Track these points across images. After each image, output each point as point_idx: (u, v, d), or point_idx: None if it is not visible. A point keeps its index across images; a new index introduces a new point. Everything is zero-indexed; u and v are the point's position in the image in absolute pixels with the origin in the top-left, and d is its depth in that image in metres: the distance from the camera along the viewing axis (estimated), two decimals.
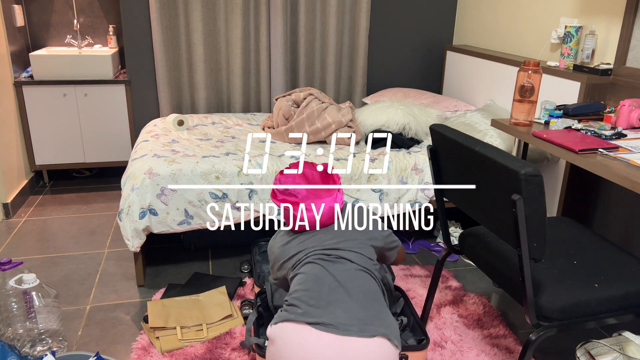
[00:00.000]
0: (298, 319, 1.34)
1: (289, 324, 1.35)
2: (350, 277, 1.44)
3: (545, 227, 1.31)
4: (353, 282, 1.43)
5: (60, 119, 3.20)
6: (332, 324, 1.32)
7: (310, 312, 1.35)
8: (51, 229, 2.78)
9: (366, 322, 1.34)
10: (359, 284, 1.43)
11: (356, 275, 1.46)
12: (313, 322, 1.32)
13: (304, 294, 1.40)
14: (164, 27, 3.10)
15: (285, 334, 1.33)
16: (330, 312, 1.34)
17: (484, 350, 1.87)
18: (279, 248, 1.59)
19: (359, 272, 1.47)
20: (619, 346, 1.47)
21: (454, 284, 2.31)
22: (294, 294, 1.43)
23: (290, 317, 1.36)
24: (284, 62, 3.31)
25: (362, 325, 1.33)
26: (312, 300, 1.38)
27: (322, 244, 1.51)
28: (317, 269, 1.45)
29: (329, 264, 1.46)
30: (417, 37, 3.66)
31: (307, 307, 1.36)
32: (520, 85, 1.96)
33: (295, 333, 1.32)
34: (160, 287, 2.25)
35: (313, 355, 1.27)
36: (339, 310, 1.35)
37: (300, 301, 1.39)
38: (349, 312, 1.35)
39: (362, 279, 1.45)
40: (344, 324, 1.32)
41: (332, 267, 1.45)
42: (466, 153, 1.46)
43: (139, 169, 2.19)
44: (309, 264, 1.48)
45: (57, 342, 1.81)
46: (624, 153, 1.66)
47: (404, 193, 2.43)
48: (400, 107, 2.69)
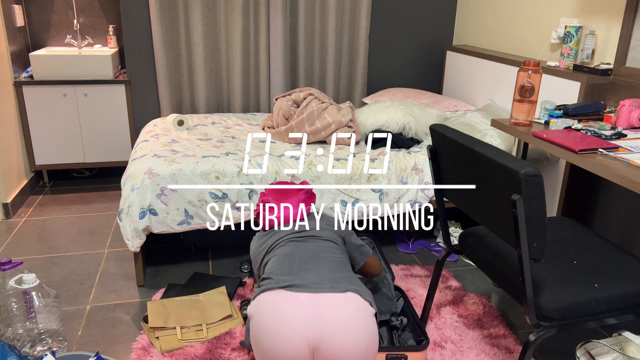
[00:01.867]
0: (271, 286, 1.39)
1: (263, 294, 1.39)
2: (319, 249, 1.52)
3: (545, 227, 1.31)
4: (322, 253, 1.51)
5: (60, 119, 3.20)
6: (305, 284, 1.36)
7: (282, 279, 1.40)
8: (51, 229, 2.78)
9: (337, 281, 1.39)
10: (328, 255, 1.50)
11: (326, 247, 1.55)
12: (285, 286, 1.37)
13: (276, 269, 1.46)
14: (164, 27, 3.10)
15: (261, 303, 1.37)
16: (301, 277, 1.39)
17: (484, 350, 1.87)
18: (255, 249, 1.70)
19: (329, 245, 1.56)
20: (619, 346, 1.47)
21: (454, 284, 2.31)
22: (267, 272, 1.49)
23: (263, 288, 1.41)
24: (283, 62, 3.31)
25: (332, 283, 1.38)
26: (284, 270, 1.44)
27: (292, 231, 1.64)
28: (288, 248, 1.55)
29: (299, 243, 1.57)
30: (417, 37, 3.66)
31: (279, 276, 1.42)
32: (520, 85, 1.96)
33: (271, 298, 1.36)
34: (160, 287, 2.25)
35: (289, 315, 1.31)
36: (310, 274, 1.40)
37: (273, 274, 1.44)
38: (319, 275, 1.40)
39: (331, 252, 1.53)
40: (315, 283, 1.37)
41: (302, 245, 1.55)
42: (466, 153, 1.46)
43: (139, 169, 2.19)
44: (281, 247, 1.58)
45: (57, 342, 1.81)
46: (624, 153, 1.66)
47: (404, 193, 2.43)
48: (400, 107, 2.69)
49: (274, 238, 1.65)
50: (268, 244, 1.64)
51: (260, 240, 1.71)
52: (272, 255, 1.56)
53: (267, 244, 1.65)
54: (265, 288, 1.39)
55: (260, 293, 1.40)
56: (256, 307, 1.38)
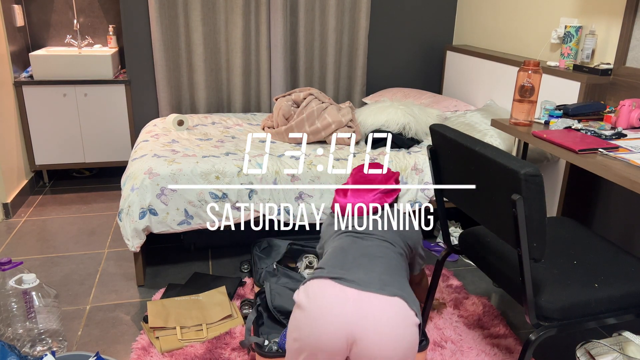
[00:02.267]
0: (321, 274, 1.40)
1: (313, 281, 1.39)
2: (376, 249, 1.51)
3: (545, 227, 1.31)
4: (378, 253, 1.49)
5: (60, 119, 3.20)
6: (354, 280, 1.36)
7: (333, 271, 1.40)
8: (51, 229, 2.78)
9: (386, 284, 1.37)
10: (383, 257, 1.48)
11: (382, 248, 1.52)
12: (335, 277, 1.37)
13: (329, 261, 1.46)
14: (163, 27, 3.10)
15: (309, 289, 1.38)
16: (352, 273, 1.39)
17: (485, 350, 1.87)
18: (324, 230, 1.74)
19: (386, 246, 1.54)
20: (619, 346, 1.47)
21: (454, 284, 2.31)
22: (320, 263, 1.50)
23: (314, 276, 1.42)
24: (283, 62, 3.31)
25: (382, 285, 1.36)
26: (336, 263, 1.44)
27: (352, 225, 1.64)
28: (345, 242, 1.54)
29: (357, 239, 1.56)
30: (417, 37, 3.66)
31: (331, 268, 1.42)
32: (520, 85, 1.96)
33: (319, 287, 1.36)
34: (160, 287, 2.25)
35: (335, 306, 1.31)
36: (361, 272, 1.40)
37: (326, 265, 1.45)
38: (370, 274, 1.39)
39: (387, 253, 1.51)
40: (365, 281, 1.36)
41: (360, 242, 1.54)
42: (466, 153, 1.46)
43: (139, 169, 2.19)
44: (339, 239, 1.58)
45: (57, 342, 1.81)
46: (624, 153, 1.66)
47: (404, 193, 2.43)
48: (400, 107, 2.69)
49: (336, 226, 1.67)
50: (330, 231, 1.67)
51: (328, 221, 1.75)
52: (329, 247, 1.59)
53: (329, 230, 1.68)
54: (315, 275, 1.40)
55: (309, 280, 1.41)
56: (304, 292, 1.38)
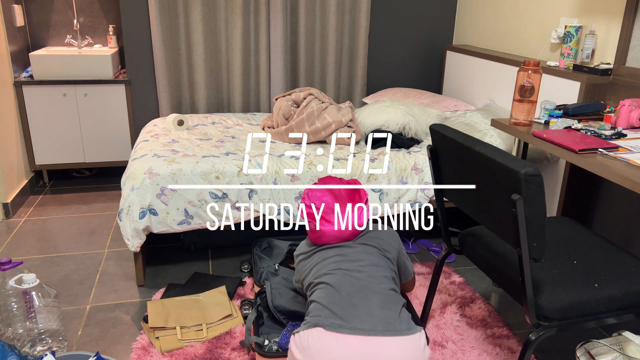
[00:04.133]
0: (321, 322, 1.34)
1: (310, 331, 1.34)
2: (369, 281, 1.44)
3: (545, 227, 1.31)
4: (372, 285, 1.43)
5: (60, 119, 3.20)
6: (356, 326, 1.32)
7: (333, 316, 1.35)
8: (51, 229, 2.78)
9: (389, 321, 1.35)
10: (378, 288, 1.43)
11: (375, 277, 1.46)
12: (335, 325, 1.32)
13: (324, 300, 1.40)
14: (163, 26, 3.10)
15: (310, 344, 1.32)
16: (351, 314, 1.34)
17: (486, 350, 1.87)
18: (301, 260, 1.60)
19: (378, 274, 1.47)
20: (619, 346, 1.47)
21: (454, 284, 2.31)
22: (315, 297, 1.43)
23: (313, 323, 1.35)
24: (283, 62, 3.31)
25: (385, 325, 1.34)
26: (333, 304, 1.38)
27: (337, 253, 1.52)
28: (335, 278, 1.45)
29: (346, 272, 1.47)
30: (417, 37, 3.66)
31: (329, 311, 1.36)
32: (520, 85, 1.96)
33: (320, 342, 1.30)
34: (160, 287, 2.25)
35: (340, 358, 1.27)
36: (360, 311, 1.35)
37: (322, 304, 1.39)
38: (370, 313, 1.35)
39: (381, 282, 1.45)
40: (367, 323, 1.33)
41: (350, 276, 1.45)
42: (466, 153, 1.46)
43: (139, 169, 2.19)
44: (328, 274, 1.48)
45: (57, 342, 1.81)
46: (623, 153, 1.66)
47: (404, 193, 2.43)
48: (400, 107, 2.69)
49: (320, 255, 1.55)
50: (314, 261, 1.54)
51: (306, 249, 1.60)
52: (319, 281, 1.48)
53: (313, 259, 1.55)
54: (314, 322, 1.34)
55: (309, 327, 1.34)
56: (306, 346, 1.32)
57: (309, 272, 1.53)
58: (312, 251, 1.58)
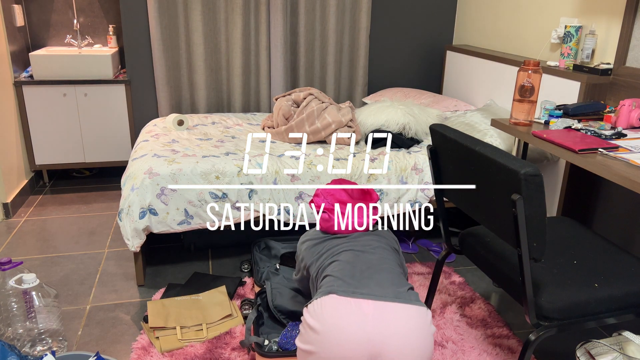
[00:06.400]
0: (333, 289, 1.37)
1: (326, 297, 1.37)
2: (380, 261, 1.49)
3: (545, 227, 1.31)
4: (383, 265, 1.48)
5: (60, 119, 3.20)
6: (368, 292, 1.35)
7: (345, 285, 1.39)
8: (51, 229, 2.78)
9: (400, 292, 1.38)
10: (389, 267, 1.48)
11: (385, 259, 1.51)
12: (348, 291, 1.35)
13: (338, 271, 1.44)
14: (163, 26, 3.10)
15: (324, 310, 1.34)
16: (364, 284, 1.38)
17: (486, 350, 1.87)
18: (308, 246, 1.64)
19: (387, 257, 1.52)
20: (619, 346, 1.47)
21: (454, 284, 2.31)
22: (328, 271, 1.47)
23: (326, 290, 1.39)
24: (284, 62, 3.31)
25: (396, 294, 1.36)
26: (346, 275, 1.42)
27: (349, 240, 1.59)
28: (349, 256, 1.51)
29: (359, 253, 1.53)
30: (417, 37, 3.66)
31: (341, 280, 1.40)
32: (520, 85, 1.96)
33: (333, 307, 1.33)
34: (160, 287, 2.25)
35: (353, 326, 1.29)
36: (373, 283, 1.39)
37: (335, 274, 1.43)
38: (382, 284, 1.39)
39: (391, 264, 1.50)
40: (379, 291, 1.36)
41: (362, 256, 1.51)
42: (466, 153, 1.46)
43: (139, 169, 2.19)
44: (342, 253, 1.54)
45: (57, 342, 1.81)
46: (623, 153, 1.66)
47: (404, 193, 2.43)
48: (400, 107, 2.69)
49: (331, 242, 1.60)
50: (326, 246, 1.59)
51: (317, 235, 1.66)
52: (332, 260, 1.52)
53: (325, 245, 1.60)
54: (328, 290, 1.37)
55: (323, 295, 1.37)
56: (315, 313, 1.35)
57: (321, 256, 1.57)
58: (325, 238, 1.63)
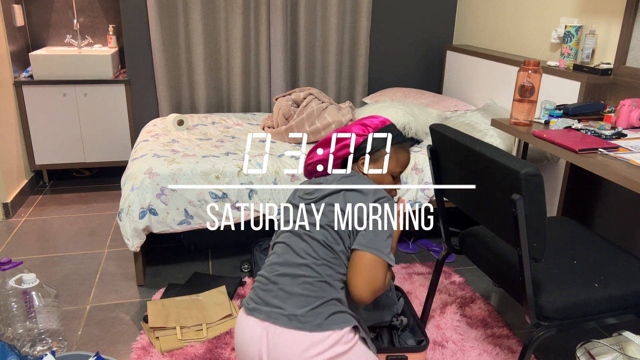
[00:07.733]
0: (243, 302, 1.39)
1: (240, 311, 1.39)
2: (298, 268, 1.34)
3: (545, 227, 1.31)
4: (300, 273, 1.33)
5: (60, 119, 3.20)
6: (266, 311, 1.30)
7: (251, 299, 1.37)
8: (51, 229, 2.78)
9: (298, 314, 1.28)
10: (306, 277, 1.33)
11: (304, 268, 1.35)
12: (252, 307, 1.33)
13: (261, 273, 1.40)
14: (163, 26, 3.10)
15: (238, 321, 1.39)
16: (269, 297, 1.32)
17: (486, 350, 1.87)
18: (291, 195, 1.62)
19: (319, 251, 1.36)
20: (619, 346, 1.47)
21: (454, 284, 2.31)
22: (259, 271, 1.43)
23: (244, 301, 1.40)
24: (284, 62, 3.31)
25: (295, 311, 1.28)
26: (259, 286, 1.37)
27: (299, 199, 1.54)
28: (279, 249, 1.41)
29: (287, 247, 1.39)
30: (417, 37, 3.66)
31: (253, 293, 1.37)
32: (520, 85, 1.96)
33: (240, 318, 1.37)
34: (160, 287, 2.25)
35: (247, 340, 1.32)
36: (277, 300, 1.30)
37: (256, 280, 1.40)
38: (285, 300, 1.30)
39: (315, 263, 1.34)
40: (276, 312, 1.29)
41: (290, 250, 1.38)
42: (466, 153, 1.46)
43: (139, 169, 2.19)
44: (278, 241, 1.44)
45: (57, 342, 1.81)
46: (624, 153, 1.66)
47: (404, 193, 2.43)
48: (400, 107, 2.69)
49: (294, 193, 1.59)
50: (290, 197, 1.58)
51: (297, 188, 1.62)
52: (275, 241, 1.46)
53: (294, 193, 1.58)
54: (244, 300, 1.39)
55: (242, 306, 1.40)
56: (236, 325, 1.40)
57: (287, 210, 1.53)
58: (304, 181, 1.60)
